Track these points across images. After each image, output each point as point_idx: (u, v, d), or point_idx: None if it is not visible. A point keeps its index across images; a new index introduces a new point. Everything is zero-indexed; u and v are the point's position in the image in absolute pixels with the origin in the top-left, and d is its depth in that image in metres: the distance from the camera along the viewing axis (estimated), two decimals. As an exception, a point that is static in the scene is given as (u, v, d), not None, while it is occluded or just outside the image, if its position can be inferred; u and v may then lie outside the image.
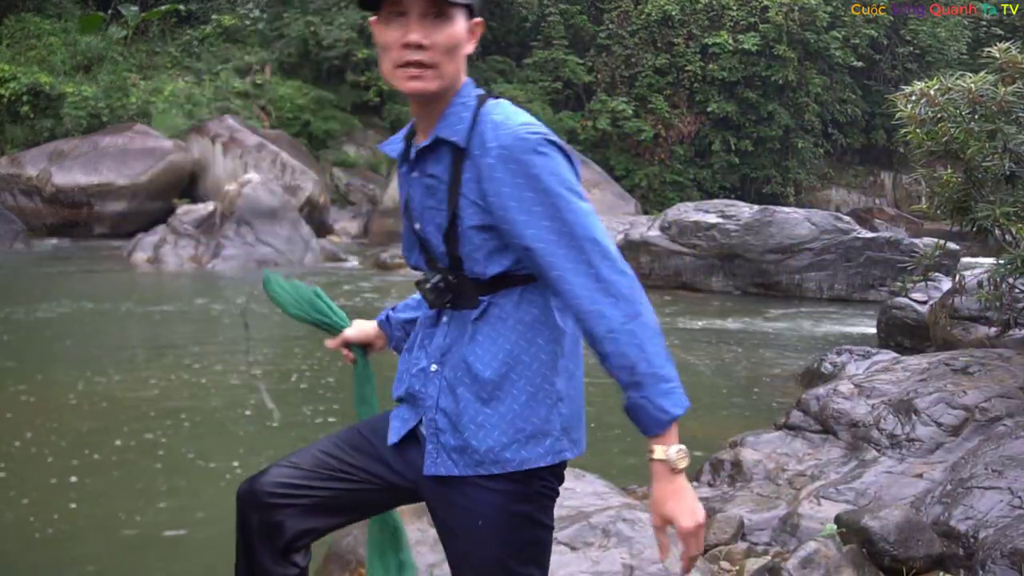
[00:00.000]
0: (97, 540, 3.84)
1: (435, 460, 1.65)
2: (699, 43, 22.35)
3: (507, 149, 1.51)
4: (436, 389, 1.65)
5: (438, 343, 1.67)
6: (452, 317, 1.66)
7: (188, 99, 18.33)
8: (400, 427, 1.73)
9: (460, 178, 1.57)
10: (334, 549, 3.14)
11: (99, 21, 19.17)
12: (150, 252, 13.25)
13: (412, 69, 1.53)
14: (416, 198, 1.66)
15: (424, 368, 1.69)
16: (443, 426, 1.64)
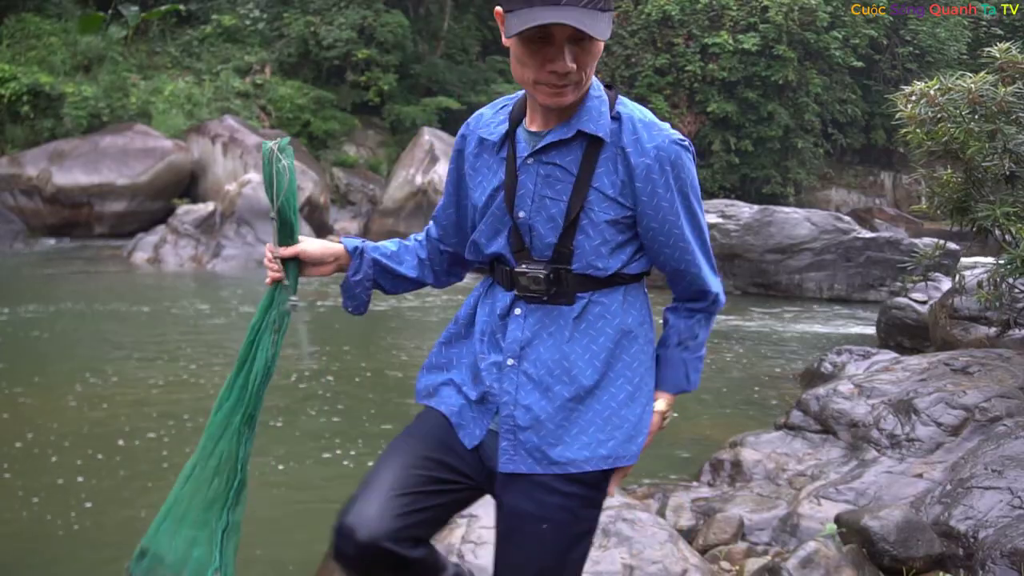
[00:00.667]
0: (120, 539, 3.85)
1: (511, 457, 1.62)
2: (699, 43, 22.34)
3: (664, 151, 1.57)
4: (513, 385, 1.62)
5: (515, 337, 1.63)
6: (532, 311, 1.63)
7: (188, 99, 18.33)
8: (475, 430, 1.68)
9: (593, 172, 1.57)
10: (334, 549, 3.14)
11: (99, 21, 19.17)
12: (150, 252, 13.25)
13: (554, 88, 1.52)
14: (529, 186, 1.61)
15: (498, 363, 1.65)
16: (524, 423, 1.61)
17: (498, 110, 1.73)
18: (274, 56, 20.49)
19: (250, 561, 3.71)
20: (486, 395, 1.66)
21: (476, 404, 1.68)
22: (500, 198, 1.65)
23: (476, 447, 1.69)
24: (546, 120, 1.60)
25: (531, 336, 1.62)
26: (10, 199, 15.48)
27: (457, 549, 2.88)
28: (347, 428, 5.53)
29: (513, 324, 1.64)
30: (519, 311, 1.63)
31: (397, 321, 9.77)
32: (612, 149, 1.57)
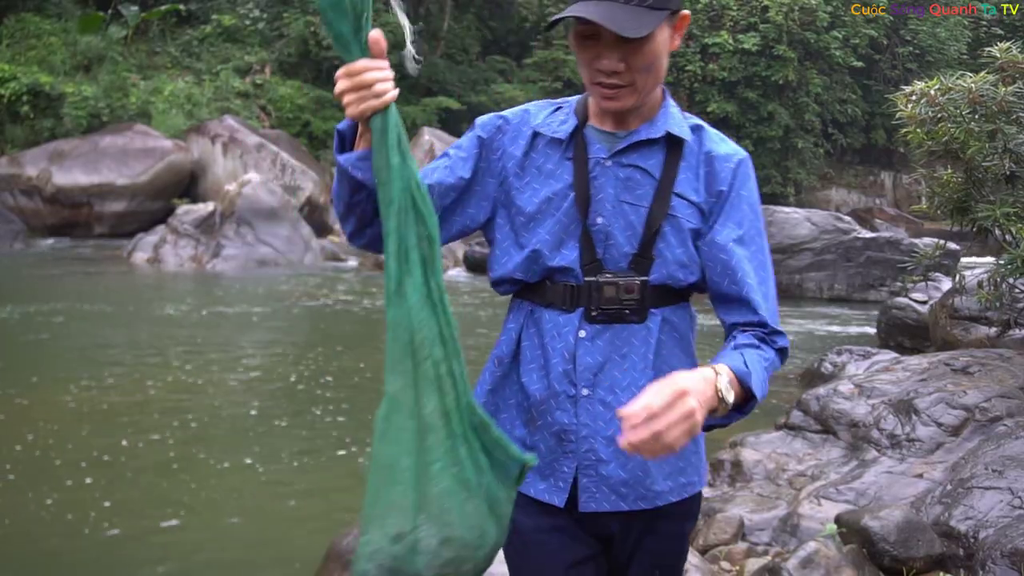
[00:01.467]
0: (148, 536, 3.87)
1: (592, 495, 1.47)
2: (699, 43, 22.35)
3: (744, 164, 1.55)
4: (591, 416, 1.46)
5: (586, 363, 1.46)
6: (599, 332, 1.46)
7: (188, 99, 18.34)
8: (557, 481, 1.49)
9: (676, 176, 1.48)
10: (334, 549, 3.14)
11: (99, 21, 19.17)
12: (150, 252, 13.24)
13: (605, 89, 1.42)
14: (608, 190, 1.46)
15: (572, 395, 1.47)
16: (606, 456, 1.46)
17: (553, 110, 1.57)
18: (274, 56, 20.50)
19: (251, 560, 3.71)
20: (562, 432, 1.48)
21: (549, 451, 1.49)
22: (569, 203, 1.47)
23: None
24: (622, 121, 1.49)
25: (603, 360, 1.46)
26: (10, 199, 15.49)
27: (457, 549, 2.87)
28: (355, 427, 5.53)
29: (582, 348, 1.46)
30: (584, 333, 1.46)
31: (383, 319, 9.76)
32: (694, 155, 1.50)
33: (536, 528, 1.51)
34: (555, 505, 1.48)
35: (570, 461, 1.48)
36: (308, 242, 14.16)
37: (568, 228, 1.47)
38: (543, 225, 1.48)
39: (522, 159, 1.53)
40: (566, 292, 1.47)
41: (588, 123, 1.52)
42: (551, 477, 1.49)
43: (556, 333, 1.48)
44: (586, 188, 1.47)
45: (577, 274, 1.46)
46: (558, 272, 1.47)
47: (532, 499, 1.51)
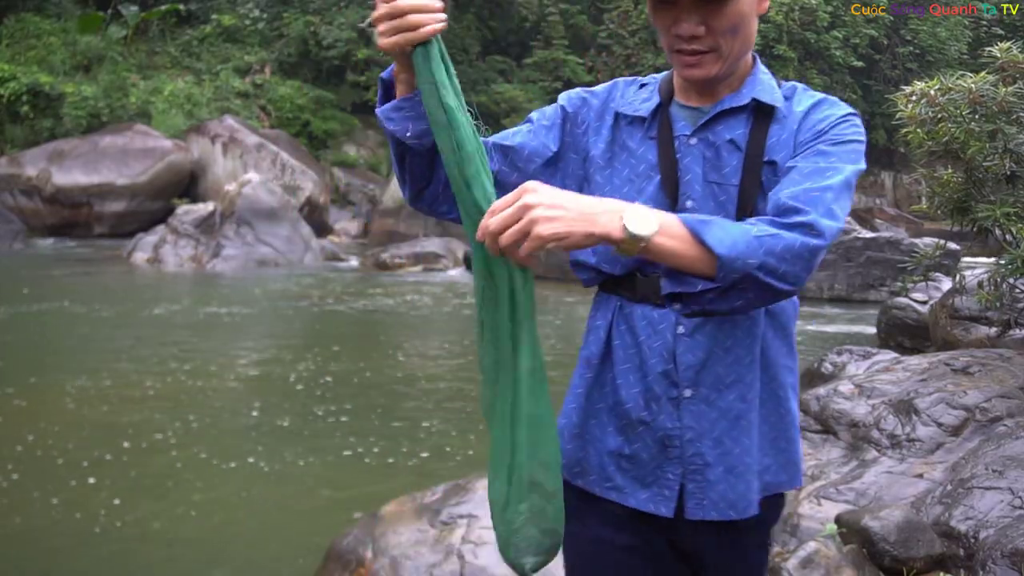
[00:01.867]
0: (150, 537, 3.87)
1: (700, 502, 1.35)
2: (699, 43, 22.35)
3: (845, 119, 1.36)
4: (695, 417, 1.34)
5: (687, 361, 1.33)
6: (699, 326, 1.33)
7: (188, 99, 18.34)
8: (663, 489, 1.37)
9: (765, 144, 1.33)
10: (334, 549, 3.13)
11: (99, 21, 19.16)
12: (150, 252, 13.24)
13: (686, 57, 1.32)
14: (696, 169, 1.34)
15: (674, 397, 1.35)
16: (712, 459, 1.34)
17: (639, 86, 1.48)
18: (274, 56, 20.49)
19: (252, 560, 3.71)
20: (666, 438, 1.36)
21: (651, 458, 1.37)
22: (655, 186, 1.35)
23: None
24: (708, 93, 1.37)
25: (704, 356, 1.33)
26: (10, 199, 15.48)
27: (457, 549, 2.87)
28: (355, 428, 5.53)
29: (681, 346, 1.33)
30: (683, 329, 1.33)
31: (383, 319, 9.76)
32: (789, 121, 1.34)
33: (619, 545, 1.40)
34: (661, 515, 1.36)
35: (675, 467, 1.36)
36: (308, 242, 14.16)
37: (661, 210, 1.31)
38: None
39: (606, 138, 1.43)
40: (659, 285, 1.32)
41: (673, 100, 1.42)
42: (654, 485, 1.37)
43: (652, 330, 1.35)
44: (672, 170, 1.35)
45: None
46: (648, 264, 1.32)
47: (622, 510, 1.39)
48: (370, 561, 2.94)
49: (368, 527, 3.12)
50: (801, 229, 1.19)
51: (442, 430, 5.49)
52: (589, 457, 1.42)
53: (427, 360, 7.76)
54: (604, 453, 1.40)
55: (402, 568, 2.84)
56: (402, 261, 13.78)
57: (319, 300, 10.58)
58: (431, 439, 5.35)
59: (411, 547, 2.93)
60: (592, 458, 1.42)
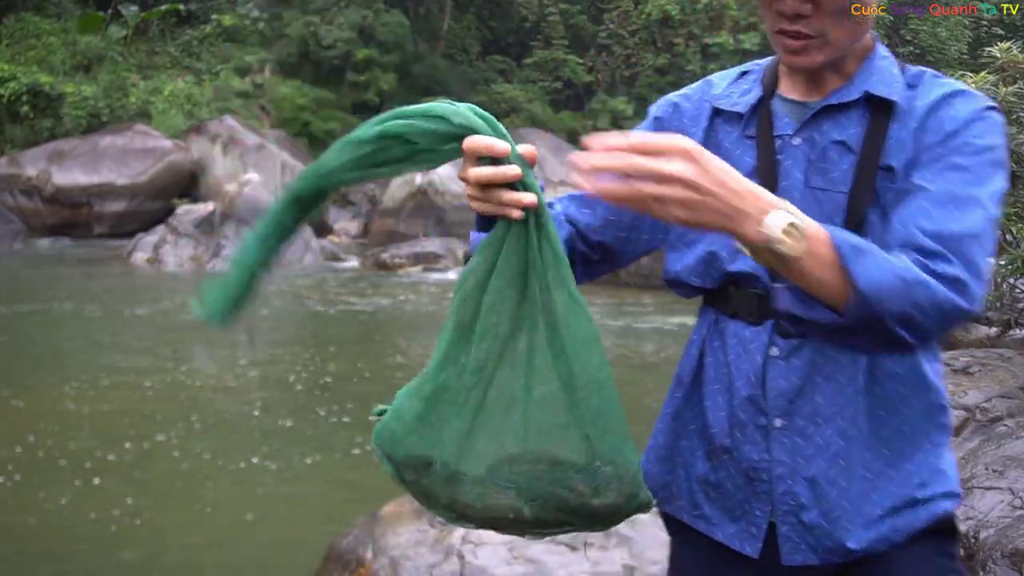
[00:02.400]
0: (173, 537, 3.88)
1: (796, 546, 1.19)
2: (699, 43, 22.35)
3: (982, 117, 1.16)
4: (787, 451, 1.19)
5: (779, 387, 1.19)
6: (796, 348, 1.18)
7: (188, 99, 18.34)
8: (749, 527, 1.23)
9: (882, 146, 1.15)
10: (334, 549, 3.13)
11: (99, 21, 19.16)
12: (150, 252, 13.24)
13: (789, 40, 1.15)
14: (796, 174, 1.18)
15: (762, 426, 1.20)
16: (807, 500, 1.18)
17: (737, 77, 1.30)
18: (274, 56, 20.50)
19: (252, 560, 3.71)
20: (751, 471, 1.21)
21: (737, 489, 1.23)
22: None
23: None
24: (815, 85, 1.20)
25: (800, 383, 1.18)
26: (9, 199, 15.48)
27: (457, 549, 2.87)
28: (355, 428, 5.53)
29: (773, 370, 1.19)
30: (776, 351, 1.19)
31: (383, 319, 9.76)
32: (911, 116, 1.15)
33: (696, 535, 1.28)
34: (747, 555, 1.22)
35: (763, 504, 1.21)
36: (308, 242, 14.16)
37: None
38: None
39: (699, 139, 1.24)
40: (753, 301, 1.21)
41: (776, 92, 1.24)
42: (742, 520, 1.23)
43: (742, 350, 1.22)
44: (771, 174, 1.18)
45: (764, 279, 1.18)
46: (741, 278, 1.21)
47: (714, 543, 1.25)
48: (370, 561, 2.94)
49: (368, 527, 3.12)
50: (953, 286, 1.00)
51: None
52: (678, 481, 1.30)
53: (427, 360, 7.76)
54: (694, 478, 1.28)
55: (402, 568, 2.84)
56: (402, 261, 13.78)
57: (319, 300, 10.58)
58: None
59: (411, 547, 2.92)
60: (681, 482, 1.30)
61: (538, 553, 2.83)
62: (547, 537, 1.13)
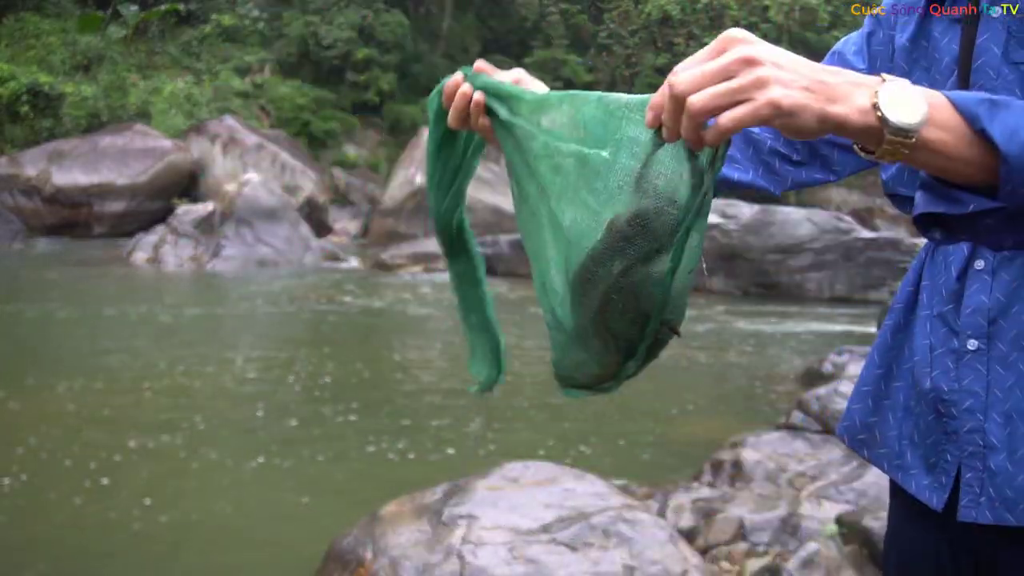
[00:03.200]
0: (198, 536, 3.89)
1: (976, 499, 1.00)
2: (699, 43, 22.34)
3: None
4: (982, 381, 1.01)
5: (977, 304, 1.02)
6: (1005, 261, 1.00)
7: (188, 99, 18.34)
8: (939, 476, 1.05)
9: None
10: (334, 549, 3.13)
11: (98, 21, 19.16)
12: (149, 252, 13.23)
13: None
14: (991, 50, 0.99)
15: (954, 349, 1.03)
16: (997, 439, 0.99)
17: None
18: (274, 56, 20.50)
19: (251, 560, 3.70)
20: (940, 403, 1.04)
21: (928, 429, 1.06)
22: (953, 82, 1.02)
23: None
24: None
25: (1006, 301, 1.00)
26: (9, 199, 15.47)
27: (457, 550, 2.86)
28: (355, 428, 5.53)
29: (974, 285, 1.02)
30: (981, 264, 1.02)
31: (383, 319, 9.76)
32: None
33: (907, 543, 1.12)
34: (933, 507, 1.05)
35: (953, 447, 1.03)
36: (307, 242, 14.15)
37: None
38: None
39: (912, 30, 1.09)
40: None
41: None
42: (937, 468, 1.05)
43: (943, 265, 1.06)
44: (965, 54, 1.00)
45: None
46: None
47: (909, 496, 1.10)
48: (370, 561, 2.93)
49: (368, 527, 3.11)
50: None
51: (442, 430, 5.48)
52: (884, 425, 1.13)
53: (427, 360, 7.76)
54: (903, 420, 1.11)
55: (402, 568, 2.84)
56: (402, 261, 13.77)
57: (319, 300, 10.57)
58: (431, 439, 5.34)
59: (411, 547, 2.92)
60: (888, 427, 1.13)
61: (538, 553, 2.82)
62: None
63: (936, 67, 1.05)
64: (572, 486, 3.26)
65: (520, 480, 3.30)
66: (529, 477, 3.32)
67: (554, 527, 2.96)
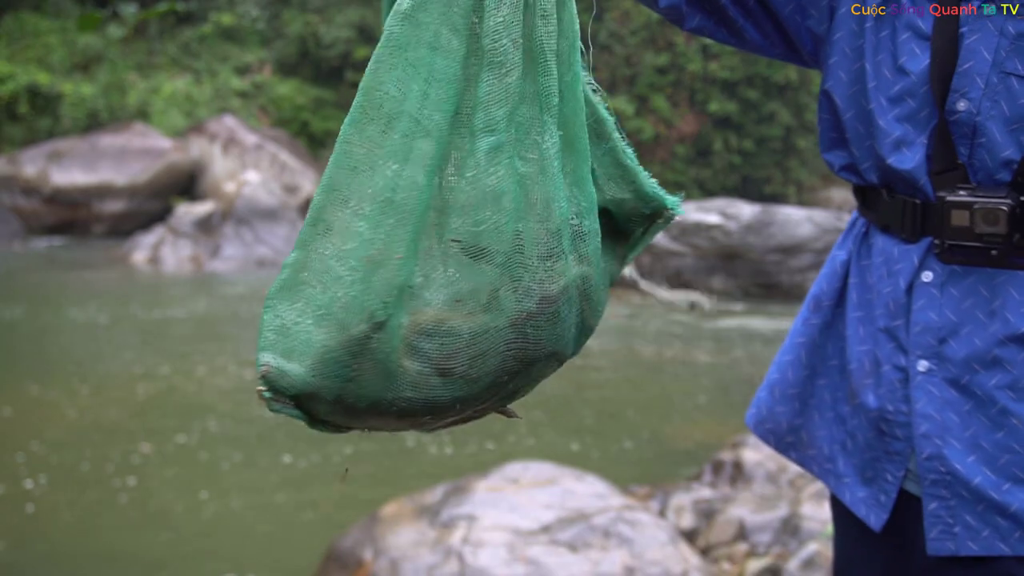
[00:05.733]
0: (198, 537, 3.88)
1: (948, 529, 0.95)
2: (700, 42, 22.35)
3: None
4: (935, 404, 0.96)
5: (926, 321, 0.96)
6: (955, 276, 0.96)
7: (187, 99, 18.34)
8: (878, 494, 1.01)
9: None
10: (334, 549, 3.12)
11: (97, 20, 19.12)
12: (149, 252, 13.22)
13: None
14: (983, 54, 0.93)
15: (900, 367, 0.99)
16: (966, 468, 0.95)
17: None
18: (273, 55, 20.49)
19: (251, 560, 3.69)
20: (883, 422, 1.00)
21: (867, 445, 1.02)
22: (921, 74, 0.96)
23: (907, 526, 1.00)
24: None
25: (957, 320, 0.96)
26: (8, 199, 15.46)
27: (457, 550, 2.85)
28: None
29: (921, 300, 0.97)
30: (929, 276, 0.97)
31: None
32: None
33: (849, 560, 1.08)
34: (870, 525, 1.02)
35: (895, 467, 0.99)
36: (307, 242, 14.15)
37: (918, 116, 0.96)
38: (877, 100, 0.99)
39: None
40: (907, 211, 0.98)
41: None
42: (874, 483, 1.02)
43: (885, 271, 1.00)
44: (948, 52, 0.94)
45: (925, 187, 0.97)
46: (897, 179, 0.99)
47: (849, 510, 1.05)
48: (369, 562, 2.92)
49: (368, 528, 3.10)
50: None
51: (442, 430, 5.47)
52: (811, 426, 1.09)
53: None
54: (831, 424, 1.07)
55: (402, 569, 2.83)
56: (402, 261, 13.78)
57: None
58: (432, 439, 5.33)
59: (411, 548, 2.91)
60: (815, 428, 1.09)
61: (538, 554, 2.81)
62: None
63: (904, 53, 0.97)
64: (572, 487, 3.25)
65: (520, 480, 3.29)
66: (529, 477, 3.31)
67: (554, 528, 2.95)
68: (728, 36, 1.12)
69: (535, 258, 0.78)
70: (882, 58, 0.98)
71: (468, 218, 0.76)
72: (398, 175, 0.74)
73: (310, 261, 0.75)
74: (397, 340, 0.75)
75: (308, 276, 0.75)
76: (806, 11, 1.04)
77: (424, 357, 0.77)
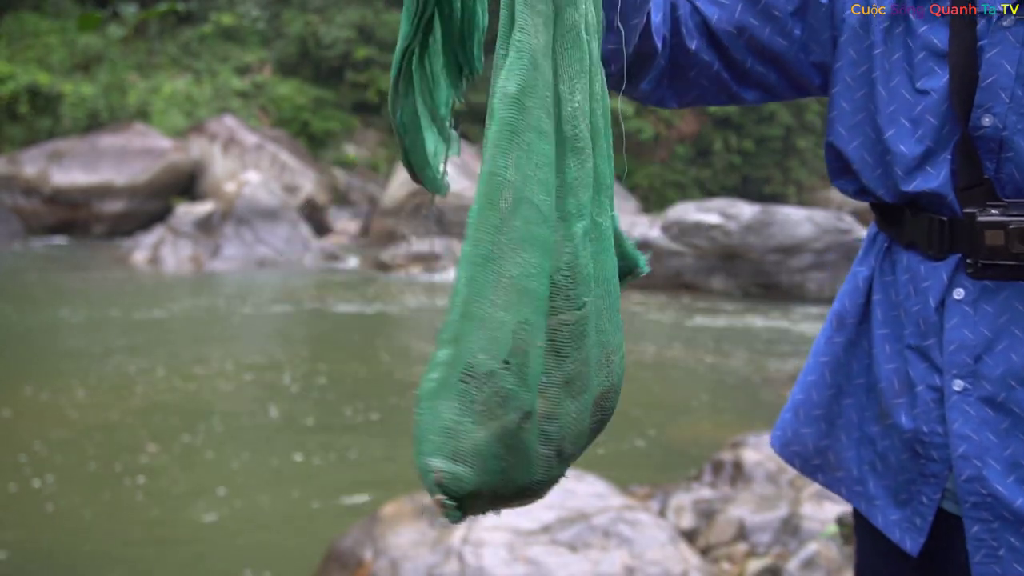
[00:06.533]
0: (197, 537, 3.90)
1: (992, 553, 0.93)
2: (699, 43, 22.37)
3: None
4: (971, 424, 0.93)
5: (961, 339, 0.94)
6: (988, 293, 0.93)
7: (187, 99, 18.34)
8: (913, 517, 0.98)
9: None
10: (334, 550, 3.12)
11: (97, 20, 19.08)
12: (149, 252, 13.22)
13: None
14: (1006, 67, 0.89)
15: (934, 387, 0.96)
16: (1007, 490, 0.92)
17: None
18: (273, 55, 20.49)
19: (250, 560, 3.70)
20: (918, 443, 0.97)
21: (901, 466, 0.99)
22: (941, 90, 0.93)
23: (942, 551, 0.98)
24: None
25: (992, 336, 0.93)
26: (8, 199, 15.46)
27: (457, 550, 2.86)
28: (355, 428, 5.52)
29: (955, 318, 0.94)
30: (961, 293, 0.94)
31: (383, 319, 9.75)
32: None
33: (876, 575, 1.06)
34: (906, 551, 0.99)
35: (932, 489, 0.97)
36: (307, 242, 14.15)
37: (940, 131, 0.93)
38: (896, 123, 0.95)
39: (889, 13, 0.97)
40: (933, 229, 0.95)
41: None
42: (908, 506, 0.99)
43: (912, 289, 0.97)
44: (969, 65, 0.91)
45: (951, 203, 0.93)
46: (921, 199, 0.96)
47: (876, 530, 1.03)
48: (370, 562, 2.93)
49: (368, 528, 3.10)
50: None
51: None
52: (838, 447, 1.06)
53: (427, 360, 7.73)
54: (860, 445, 1.04)
55: (402, 569, 2.83)
56: (402, 261, 13.76)
57: (318, 300, 10.57)
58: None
59: (411, 548, 2.91)
60: (843, 449, 1.06)
61: (538, 554, 2.82)
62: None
63: (925, 67, 0.94)
64: (572, 487, 3.26)
65: (520, 480, 3.29)
66: (529, 477, 3.31)
67: (554, 527, 2.96)
68: (727, 102, 1.11)
69: (607, 332, 0.83)
70: (898, 81, 0.96)
71: (571, 302, 0.79)
72: (528, 263, 0.76)
73: (462, 356, 0.78)
74: (535, 427, 0.78)
75: (463, 373, 0.78)
76: (808, 47, 1.03)
77: (547, 440, 0.79)
